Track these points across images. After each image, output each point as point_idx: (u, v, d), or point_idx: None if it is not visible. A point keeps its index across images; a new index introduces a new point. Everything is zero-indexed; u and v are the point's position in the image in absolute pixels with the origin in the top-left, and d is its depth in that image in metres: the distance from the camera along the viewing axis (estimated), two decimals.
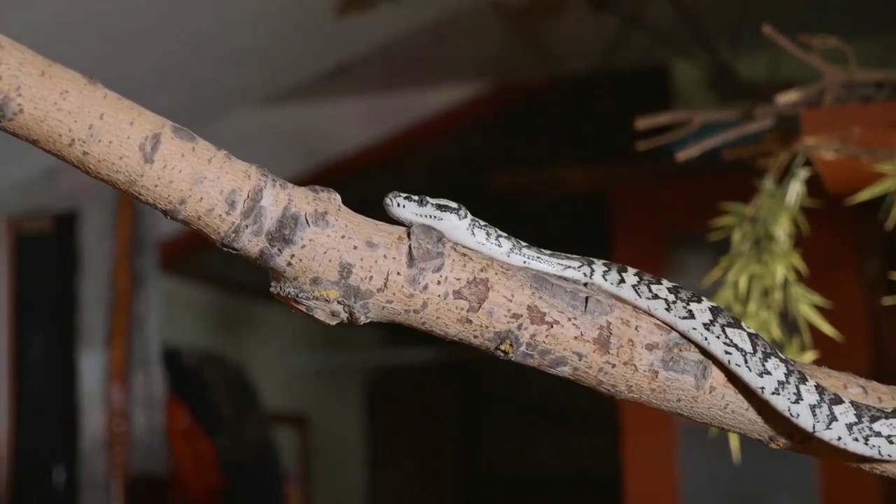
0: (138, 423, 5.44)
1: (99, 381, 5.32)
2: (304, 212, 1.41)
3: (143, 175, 1.36)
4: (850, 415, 1.47)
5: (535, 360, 1.48)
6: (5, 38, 1.32)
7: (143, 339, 5.49)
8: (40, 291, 5.37)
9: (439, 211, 1.48)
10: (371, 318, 1.45)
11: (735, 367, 1.48)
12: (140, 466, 5.42)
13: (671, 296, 1.51)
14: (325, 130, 6.14)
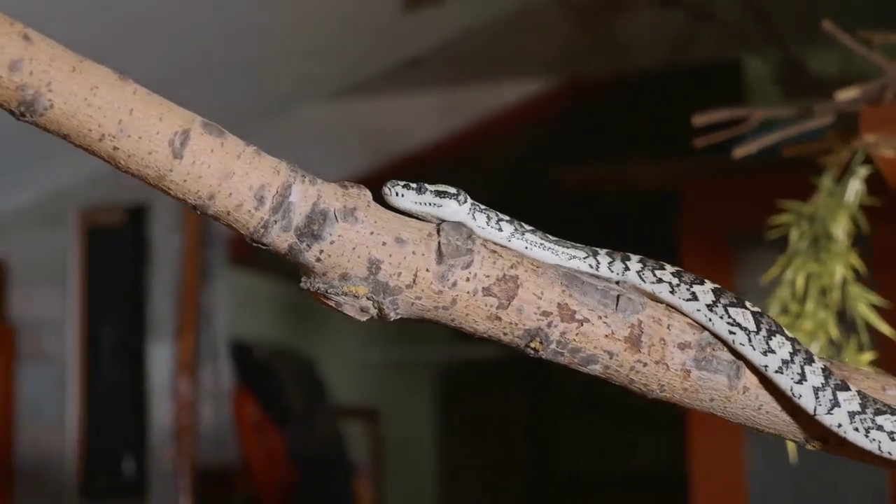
0: (206, 416, 5.49)
1: (167, 374, 5.38)
2: (333, 208, 1.41)
3: (171, 170, 1.37)
4: (855, 403, 1.45)
5: (566, 358, 1.48)
6: (36, 33, 1.33)
7: (212, 331, 5.53)
8: (111, 284, 5.43)
9: (438, 197, 1.48)
10: (401, 314, 1.45)
11: (739, 347, 1.47)
12: (207, 458, 5.46)
13: (675, 279, 1.51)
14: (395, 125, 6.14)
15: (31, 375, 5.39)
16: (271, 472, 5.97)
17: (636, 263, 1.52)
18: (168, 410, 5.35)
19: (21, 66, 1.31)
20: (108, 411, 5.38)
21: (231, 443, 5.69)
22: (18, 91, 1.32)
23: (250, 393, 6.05)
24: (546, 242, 1.51)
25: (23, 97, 1.32)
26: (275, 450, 6.07)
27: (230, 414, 5.74)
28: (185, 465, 5.25)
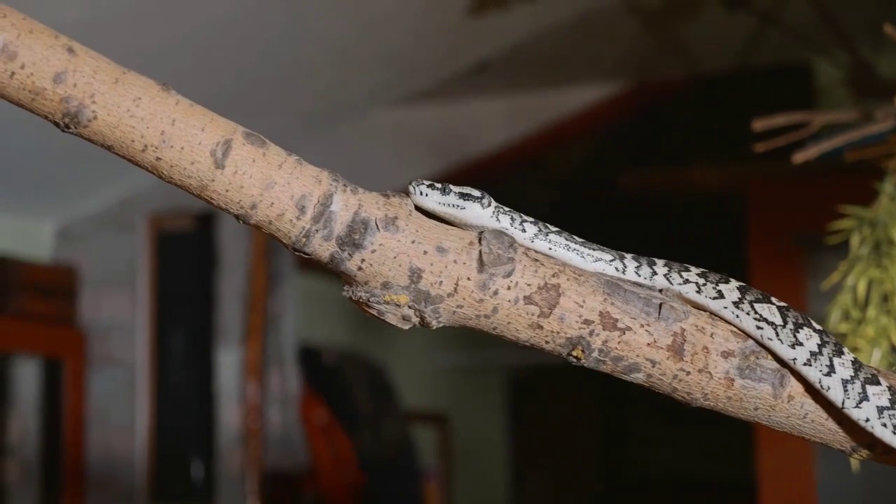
0: (273, 420, 5.52)
1: (235, 378, 5.42)
2: (375, 217, 1.42)
3: (214, 180, 1.38)
4: (884, 398, 1.43)
5: (608, 366, 1.47)
6: (80, 45, 1.35)
7: (279, 336, 5.56)
8: (180, 289, 5.48)
9: (462, 199, 1.48)
10: (443, 322, 1.46)
11: (768, 342, 1.46)
12: (275, 462, 5.50)
13: (701, 279, 1.50)
14: (463, 130, 6.15)
15: (102, 380, 5.45)
16: (339, 476, 6.00)
17: (662, 267, 1.52)
18: (236, 414, 5.39)
19: (65, 77, 1.33)
20: (176, 415, 5.43)
21: (298, 447, 5.73)
22: (63, 103, 1.34)
23: (319, 397, 6.08)
24: (571, 244, 1.50)
25: (67, 109, 1.34)
26: (343, 454, 6.09)
27: (297, 418, 5.77)
28: (252, 468, 5.29)
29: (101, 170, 5.15)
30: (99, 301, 5.51)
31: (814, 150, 2.68)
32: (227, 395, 5.41)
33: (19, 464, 5.36)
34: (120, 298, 5.49)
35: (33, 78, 1.32)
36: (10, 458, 5.35)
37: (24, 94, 1.33)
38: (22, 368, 5.41)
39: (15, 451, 5.36)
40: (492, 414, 8.48)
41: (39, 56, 1.32)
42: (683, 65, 5.86)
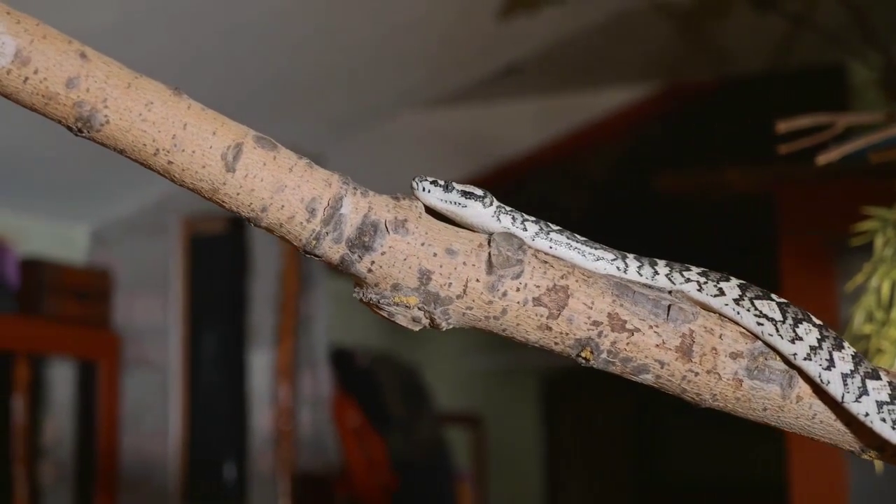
0: (305, 422, 5.55)
1: (267, 380, 5.44)
2: (384, 219, 1.43)
3: (225, 183, 1.40)
4: (884, 393, 1.44)
5: (617, 367, 1.48)
6: (92, 51, 1.37)
7: (311, 339, 5.59)
8: (212, 292, 5.51)
9: (464, 198, 1.49)
10: (452, 324, 1.47)
11: (769, 338, 1.47)
12: (306, 464, 5.52)
13: (702, 278, 1.52)
14: (493, 133, 6.16)
15: (135, 382, 5.49)
16: (372, 478, 6.02)
17: (664, 267, 1.53)
18: (267, 416, 5.41)
19: (77, 82, 1.35)
20: (209, 417, 5.46)
21: (330, 448, 5.75)
22: (75, 107, 1.36)
23: (352, 399, 6.10)
24: (573, 242, 1.51)
25: (80, 113, 1.36)
26: (376, 456, 6.11)
27: (329, 420, 5.79)
28: (283, 470, 5.31)
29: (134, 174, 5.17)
30: (132, 304, 5.55)
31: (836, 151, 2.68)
32: (259, 398, 5.44)
33: (54, 465, 5.40)
34: (153, 301, 5.53)
35: (46, 83, 1.34)
36: (46, 459, 5.39)
37: (37, 98, 1.35)
38: (57, 371, 5.46)
39: (50, 452, 5.41)
40: (526, 416, 8.48)
41: (52, 61, 1.34)
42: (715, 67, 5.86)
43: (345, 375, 6.19)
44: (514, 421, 8.35)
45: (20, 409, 5.11)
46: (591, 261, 1.51)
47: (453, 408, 7.62)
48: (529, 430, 8.52)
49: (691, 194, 5.20)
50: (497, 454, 7.92)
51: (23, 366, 5.09)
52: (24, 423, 5.12)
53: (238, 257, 5.42)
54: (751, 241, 5.00)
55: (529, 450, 8.51)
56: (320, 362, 5.68)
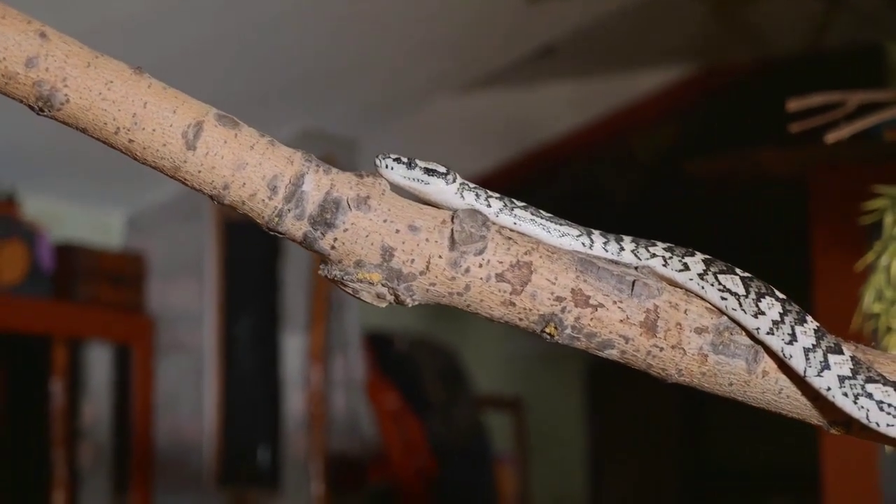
0: (338, 405, 5.57)
1: (300, 364, 5.47)
2: (346, 196, 1.44)
3: (186, 161, 1.41)
4: (846, 368, 1.43)
5: (582, 342, 1.48)
6: (52, 30, 1.38)
7: (343, 322, 5.61)
8: (246, 276, 5.54)
9: (426, 175, 1.49)
10: (417, 300, 1.48)
11: (732, 313, 1.48)
12: (339, 447, 5.54)
13: (667, 253, 1.52)
14: (530, 116, 6.15)
15: (170, 366, 5.53)
16: (410, 461, 6.04)
17: (630, 243, 1.53)
18: (300, 400, 5.44)
19: (37, 62, 1.37)
20: (243, 401, 5.49)
21: (363, 431, 5.77)
22: (35, 87, 1.37)
23: (389, 383, 6.13)
24: (537, 218, 1.51)
25: (40, 93, 1.38)
26: (414, 440, 6.13)
27: (362, 403, 5.82)
28: (316, 453, 5.34)
29: None
30: (167, 288, 5.59)
31: (846, 129, 2.66)
32: (292, 381, 5.47)
33: (92, 448, 5.46)
34: (188, 286, 5.57)
35: (6, 63, 1.36)
36: (84, 441, 5.45)
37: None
38: (95, 354, 5.51)
39: (88, 435, 5.47)
40: (569, 400, 8.47)
41: (11, 41, 1.36)
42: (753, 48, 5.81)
43: (383, 360, 6.21)
44: (557, 405, 8.34)
45: (59, 392, 5.17)
46: (556, 237, 1.51)
47: (494, 391, 7.62)
48: (572, 414, 8.51)
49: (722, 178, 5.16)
50: (539, 438, 7.92)
51: (61, 350, 5.14)
52: (62, 406, 5.18)
53: (271, 242, 5.44)
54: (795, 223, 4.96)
55: (572, 434, 8.50)
56: (353, 345, 5.70)
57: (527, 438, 7.71)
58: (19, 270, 4.96)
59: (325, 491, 5.35)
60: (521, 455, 7.63)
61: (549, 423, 8.15)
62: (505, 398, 7.74)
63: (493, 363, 7.61)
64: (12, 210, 4.99)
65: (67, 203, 5.47)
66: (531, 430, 7.81)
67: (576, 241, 1.51)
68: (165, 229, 5.59)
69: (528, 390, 7.93)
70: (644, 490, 8.69)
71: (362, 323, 6.06)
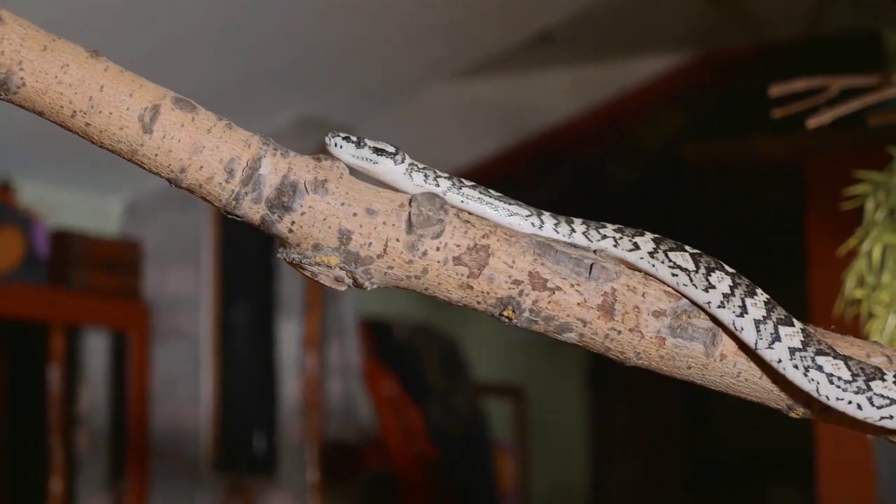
0: (333, 392, 5.58)
1: (295, 350, 5.47)
2: (304, 180, 1.44)
3: (143, 145, 1.42)
4: (796, 340, 1.43)
5: (540, 326, 1.49)
6: (8, 13, 1.38)
7: (339, 309, 5.61)
8: (242, 262, 5.55)
9: (375, 154, 1.50)
10: (376, 284, 1.48)
11: (683, 288, 1.48)
12: (335, 433, 5.55)
13: (617, 234, 1.52)
14: (527, 103, 6.14)
15: (167, 353, 5.54)
16: (408, 448, 6.04)
17: (580, 225, 1.54)
18: (296, 386, 5.45)
19: None
20: (240, 387, 5.50)
21: (359, 418, 5.78)
22: None
23: (388, 370, 6.13)
24: (485, 197, 1.52)
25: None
26: (413, 427, 6.14)
27: (358, 390, 5.82)
28: (312, 439, 5.35)
29: None
30: (164, 275, 5.60)
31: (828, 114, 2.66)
32: (288, 367, 5.48)
33: (89, 433, 5.47)
34: (185, 272, 5.58)
35: None
36: (81, 427, 5.47)
37: None
38: (91, 341, 5.53)
39: (85, 421, 5.48)
40: (570, 387, 8.47)
41: None
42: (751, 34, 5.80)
43: (381, 346, 6.22)
44: (558, 392, 8.34)
45: (56, 378, 5.18)
46: (505, 216, 1.51)
47: (495, 379, 7.63)
48: (573, 401, 8.51)
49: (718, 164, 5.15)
50: (540, 425, 7.92)
51: (58, 336, 5.16)
52: (59, 393, 5.20)
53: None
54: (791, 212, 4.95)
55: (573, 422, 8.50)
56: (349, 332, 5.70)
57: (527, 426, 7.72)
58: (15, 257, 4.97)
59: (320, 477, 5.36)
60: (522, 443, 7.64)
61: (551, 411, 8.15)
62: (505, 386, 7.75)
63: (494, 351, 7.61)
64: (8, 197, 5.01)
65: (65, 190, 5.49)
66: (532, 418, 7.81)
67: (525, 221, 1.52)
68: (162, 216, 5.60)
69: (529, 378, 7.94)
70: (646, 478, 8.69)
71: (361, 310, 6.06)
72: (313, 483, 5.35)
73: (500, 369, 7.76)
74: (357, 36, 5.09)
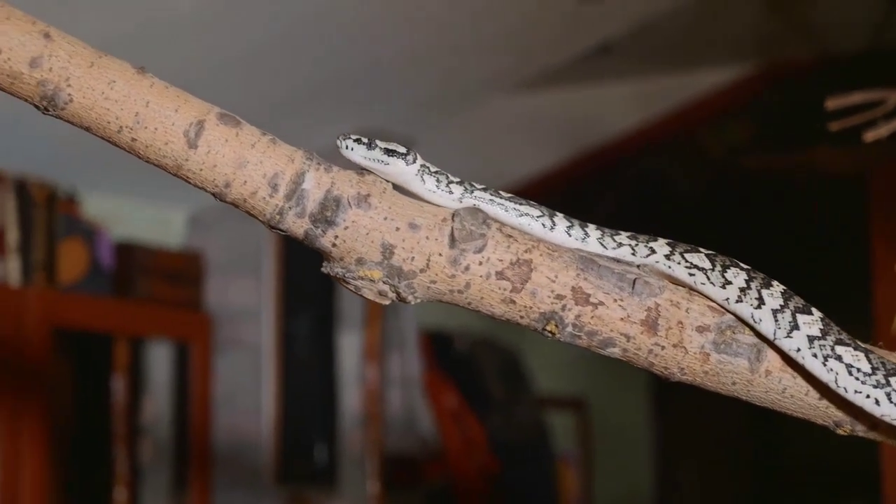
0: (394, 403, 5.59)
1: (356, 362, 5.49)
2: (347, 194, 1.45)
3: (188, 160, 1.43)
4: (815, 328, 1.43)
5: (584, 341, 1.49)
6: (56, 30, 1.41)
7: (400, 321, 5.62)
8: (304, 274, 5.57)
9: (386, 155, 1.50)
10: (419, 298, 1.49)
11: (701, 287, 1.48)
12: (396, 445, 5.56)
13: (633, 241, 1.52)
14: (588, 115, 6.13)
15: (229, 363, 5.57)
16: (470, 460, 6.04)
17: (595, 231, 1.53)
18: (356, 397, 5.47)
19: (41, 62, 1.39)
20: (301, 398, 5.52)
21: (420, 429, 5.79)
22: (39, 86, 1.40)
23: (449, 382, 6.13)
24: (496, 199, 1.51)
25: (44, 92, 1.40)
26: (474, 439, 6.14)
27: (419, 401, 5.83)
28: (372, 451, 5.36)
29: None
30: (226, 286, 5.63)
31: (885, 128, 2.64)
32: (349, 379, 5.50)
33: (153, 444, 5.51)
34: (246, 283, 5.61)
35: (10, 63, 1.39)
36: (145, 438, 5.51)
37: (2, 78, 1.40)
38: (155, 352, 5.57)
39: (149, 431, 5.53)
40: (633, 399, 8.43)
41: (16, 41, 1.39)
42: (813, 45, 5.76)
43: (442, 358, 6.22)
44: (620, 404, 8.30)
45: (120, 389, 5.22)
46: (515, 216, 1.51)
47: (557, 391, 7.61)
48: (636, 413, 8.47)
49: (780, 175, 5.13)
50: (603, 438, 7.89)
51: (122, 347, 5.20)
52: (124, 403, 5.24)
53: None
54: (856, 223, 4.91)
55: (636, 433, 8.46)
56: (410, 344, 5.71)
57: (590, 438, 7.69)
58: (80, 269, 5.02)
59: (381, 489, 5.37)
60: (585, 455, 7.61)
61: (614, 423, 8.12)
62: (568, 398, 7.73)
63: (556, 363, 7.59)
64: (73, 209, 5.06)
65: (129, 202, 5.54)
66: (595, 430, 7.78)
67: (535, 222, 1.51)
68: (224, 228, 5.64)
69: (591, 390, 7.91)
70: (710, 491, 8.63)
71: (421, 322, 6.07)
72: (374, 494, 5.37)
73: (562, 381, 7.74)
74: (418, 48, 5.10)
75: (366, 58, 5.07)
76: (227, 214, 5.62)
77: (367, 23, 4.81)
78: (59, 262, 4.93)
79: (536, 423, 6.75)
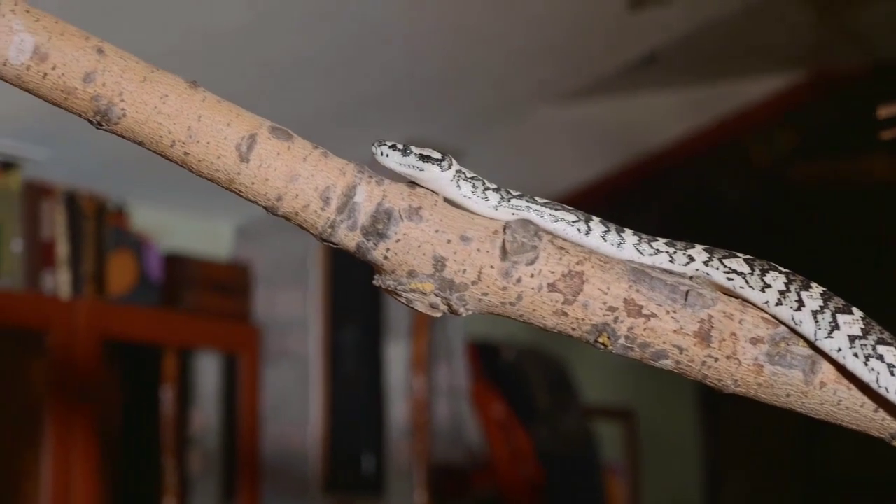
0: (441, 413, 5.58)
1: (403, 372, 5.49)
2: (398, 207, 1.45)
3: (240, 173, 1.44)
4: (856, 328, 1.42)
5: (636, 353, 1.48)
6: (110, 46, 1.42)
7: (447, 331, 5.62)
8: (351, 285, 5.58)
9: (421, 161, 1.50)
10: (471, 310, 1.49)
11: (740, 290, 1.48)
12: (443, 455, 5.56)
13: (671, 248, 1.52)
14: (635, 124, 6.11)
15: (277, 374, 5.58)
16: (517, 470, 6.03)
17: (632, 237, 1.53)
18: (404, 408, 5.47)
19: (94, 77, 1.40)
20: (348, 408, 5.52)
21: (467, 440, 5.78)
22: (93, 101, 1.41)
23: (496, 392, 6.13)
24: (532, 205, 1.52)
25: (97, 107, 1.41)
26: (521, 449, 6.12)
27: (466, 411, 5.82)
28: (419, 461, 5.36)
29: None
30: (273, 297, 5.64)
31: None
32: (396, 389, 5.50)
33: (201, 455, 5.54)
34: (293, 294, 5.62)
35: (64, 78, 1.40)
36: (194, 449, 5.53)
37: (56, 93, 1.41)
38: (204, 363, 5.59)
39: (197, 442, 5.55)
40: (682, 409, 8.39)
41: (70, 57, 1.40)
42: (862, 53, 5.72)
43: (490, 369, 6.21)
44: (669, 414, 8.26)
45: (169, 399, 5.25)
46: (550, 221, 1.51)
47: (605, 401, 7.58)
48: (685, 423, 8.43)
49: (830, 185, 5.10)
50: (651, 448, 7.86)
51: (171, 358, 5.23)
52: (172, 414, 5.27)
53: None
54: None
55: (685, 443, 8.42)
56: (457, 354, 5.71)
57: (638, 449, 7.66)
58: (129, 280, 5.06)
59: (428, 499, 5.37)
60: (633, 465, 7.58)
61: (662, 434, 8.08)
62: (615, 408, 7.70)
63: (604, 373, 7.57)
64: (122, 221, 5.10)
65: (177, 214, 5.57)
66: (643, 440, 7.75)
67: (571, 227, 1.51)
68: (272, 240, 5.66)
69: (639, 400, 7.88)
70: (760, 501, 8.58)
71: (468, 332, 6.07)
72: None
73: (609, 392, 7.71)
74: (464, 59, 5.10)
75: (414, 69, 5.07)
76: (274, 226, 5.63)
77: (414, 34, 4.82)
78: (108, 274, 4.96)
79: (583, 433, 6.72)
